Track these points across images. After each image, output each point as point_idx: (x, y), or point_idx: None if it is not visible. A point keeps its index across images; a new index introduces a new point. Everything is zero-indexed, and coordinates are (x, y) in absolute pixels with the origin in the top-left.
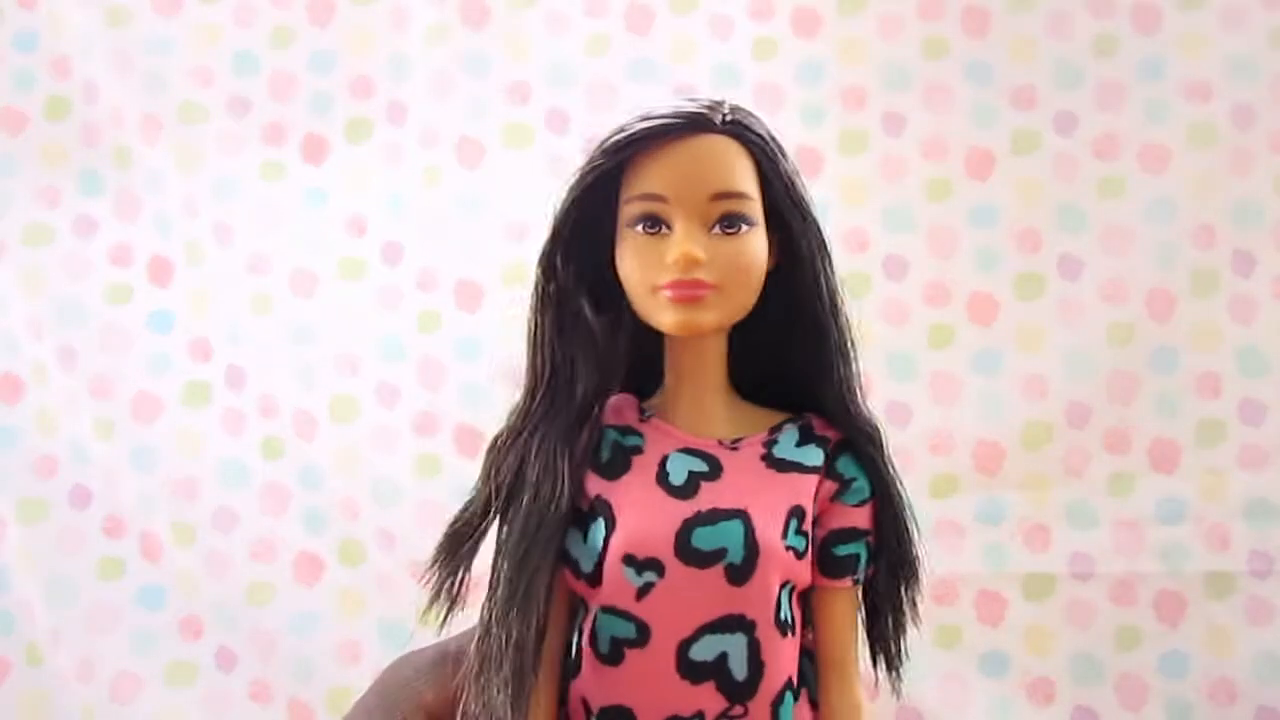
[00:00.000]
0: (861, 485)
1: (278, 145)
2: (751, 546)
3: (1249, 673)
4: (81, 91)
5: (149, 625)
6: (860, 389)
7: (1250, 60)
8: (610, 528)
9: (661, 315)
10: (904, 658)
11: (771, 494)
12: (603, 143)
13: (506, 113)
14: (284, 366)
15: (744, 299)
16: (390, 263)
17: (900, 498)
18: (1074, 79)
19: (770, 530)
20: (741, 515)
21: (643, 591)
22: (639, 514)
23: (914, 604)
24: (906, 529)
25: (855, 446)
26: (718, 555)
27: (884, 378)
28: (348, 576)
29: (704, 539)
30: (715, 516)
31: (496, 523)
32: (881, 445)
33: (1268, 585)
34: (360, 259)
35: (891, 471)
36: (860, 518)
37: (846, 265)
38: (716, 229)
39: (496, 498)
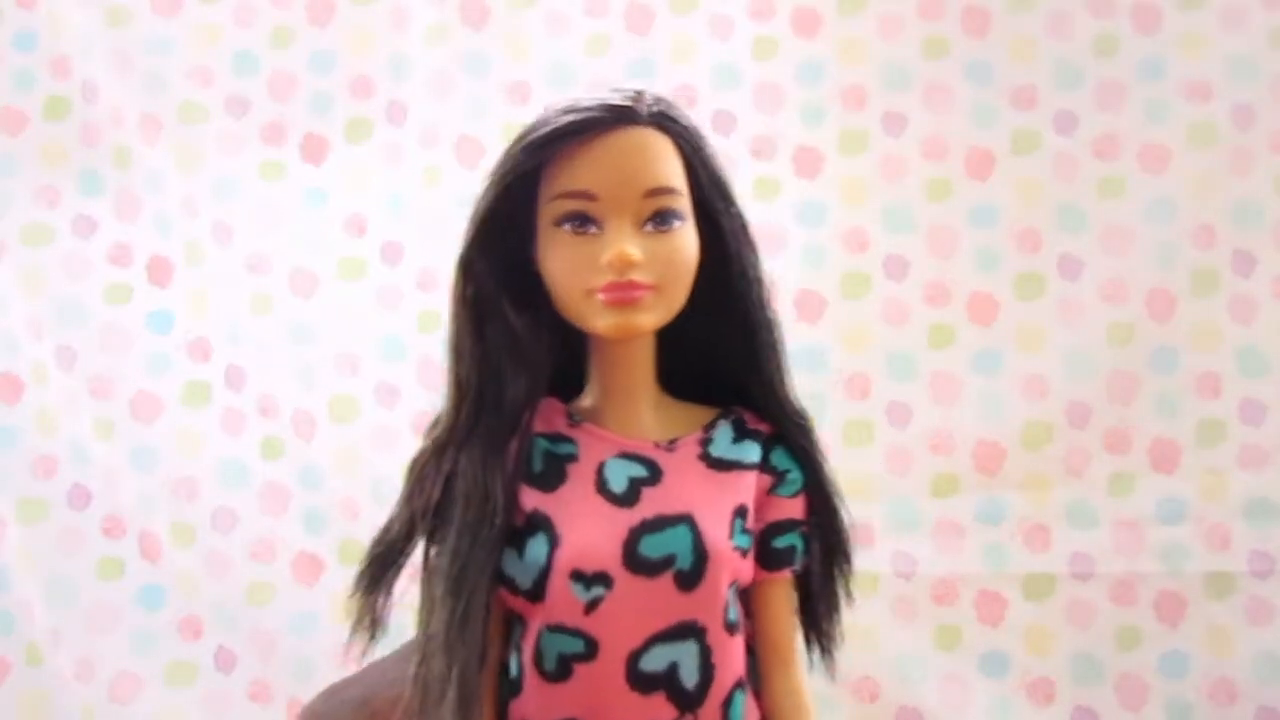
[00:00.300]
0: (795, 476)
1: (278, 145)
2: (700, 551)
3: (1249, 673)
4: (81, 91)
5: (149, 625)
6: (789, 380)
7: (1250, 60)
8: (553, 543)
9: (597, 319)
10: (838, 641)
11: (715, 495)
12: (523, 138)
13: (506, 113)
14: (284, 366)
15: (679, 297)
16: (390, 263)
17: (832, 486)
18: (1074, 79)
19: (718, 532)
20: (688, 519)
21: (591, 606)
22: (582, 526)
23: (847, 588)
24: (838, 516)
25: (787, 438)
26: (667, 562)
27: (884, 378)
28: (348, 576)
29: (652, 547)
30: (662, 523)
31: (423, 544)
32: (813, 435)
33: (1268, 585)
34: (360, 259)
35: (823, 460)
36: (795, 508)
37: (846, 265)
38: (649, 226)
39: (423, 518)
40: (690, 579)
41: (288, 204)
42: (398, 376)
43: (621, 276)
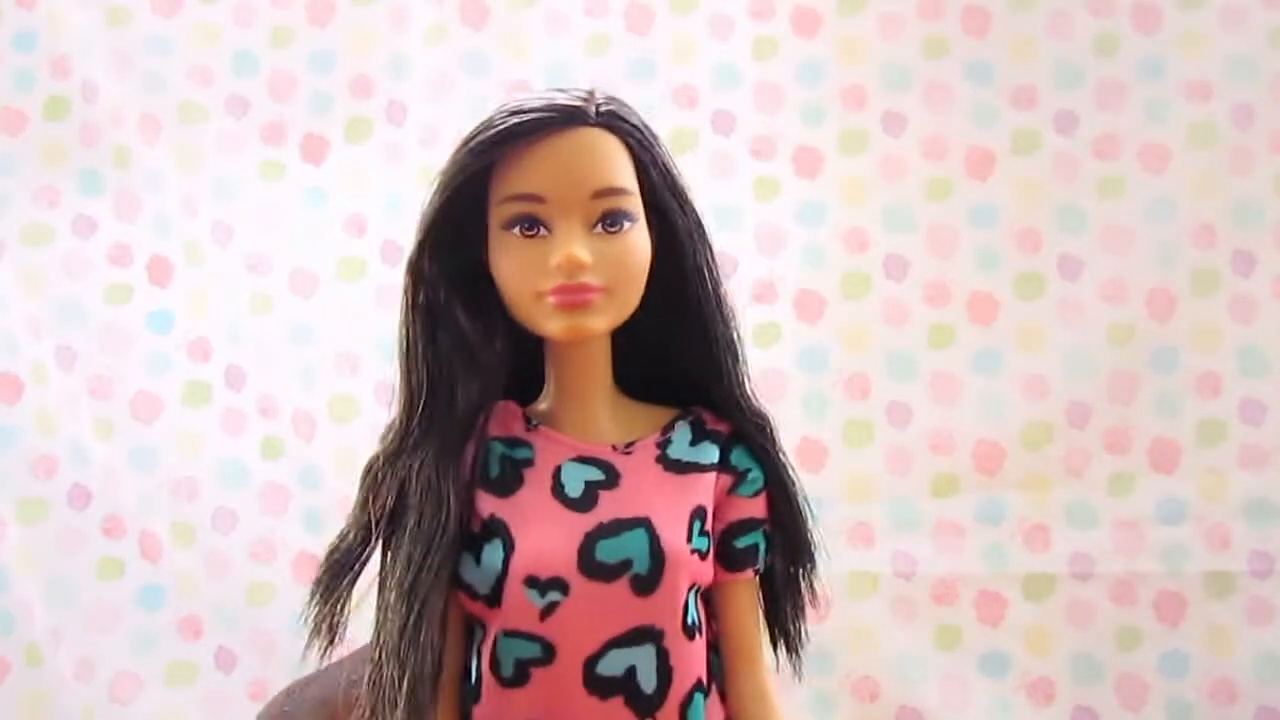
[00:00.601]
0: (756, 476)
1: (277, 145)
2: (657, 555)
3: (1249, 673)
4: (81, 91)
5: (149, 625)
6: (749, 380)
7: (1250, 60)
8: (508, 549)
9: (548, 322)
10: (805, 641)
11: (672, 497)
12: (469, 141)
13: None
14: (284, 366)
15: (632, 299)
16: (390, 263)
17: (793, 484)
18: (1074, 79)
19: (675, 535)
20: (644, 523)
21: (547, 611)
22: (538, 531)
23: (812, 588)
24: (801, 515)
25: (747, 438)
26: (623, 567)
27: (884, 378)
28: None
29: (608, 551)
30: (618, 527)
31: (379, 551)
32: (773, 435)
33: (1268, 585)
34: (360, 259)
35: (784, 459)
36: (756, 508)
37: (846, 265)
38: (599, 228)
39: (378, 525)
40: (647, 583)
41: (288, 204)
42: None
43: (571, 279)
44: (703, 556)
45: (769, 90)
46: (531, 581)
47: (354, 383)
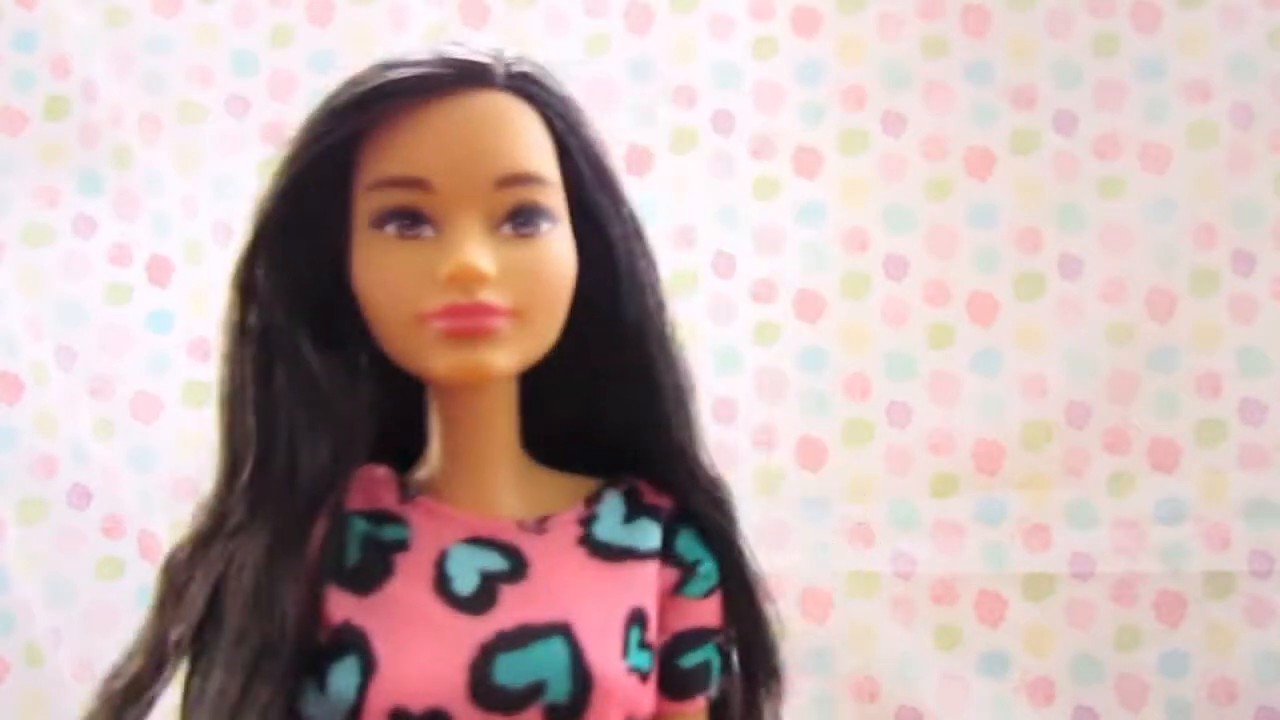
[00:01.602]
0: (708, 569)
1: (278, 145)
2: (580, 676)
3: (1249, 673)
4: (81, 91)
5: None
6: (702, 439)
7: (1250, 60)
8: (367, 669)
9: (432, 358)
10: None
11: (601, 595)
12: (330, 101)
13: None
14: None
15: (550, 327)
16: None
17: (755, 578)
18: (1074, 78)
19: (605, 649)
20: (563, 631)
21: None
22: (411, 643)
23: (777, 714)
24: (764, 620)
25: (698, 517)
26: (532, 694)
27: (884, 378)
28: None
29: (511, 671)
30: (526, 636)
31: (183, 676)
32: (732, 513)
33: (1268, 585)
34: None
35: (744, 546)
36: (709, 613)
37: (846, 265)
38: (506, 228)
39: (177, 646)
40: (565, 716)
41: None
42: None
43: (467, 296)
44: (643, 678)
45: (769, 90)
46: (400, 716)
47: None
